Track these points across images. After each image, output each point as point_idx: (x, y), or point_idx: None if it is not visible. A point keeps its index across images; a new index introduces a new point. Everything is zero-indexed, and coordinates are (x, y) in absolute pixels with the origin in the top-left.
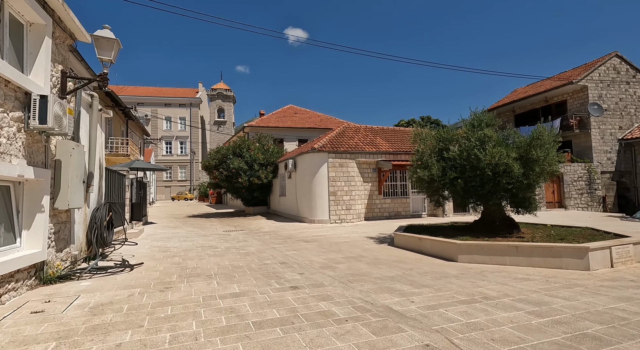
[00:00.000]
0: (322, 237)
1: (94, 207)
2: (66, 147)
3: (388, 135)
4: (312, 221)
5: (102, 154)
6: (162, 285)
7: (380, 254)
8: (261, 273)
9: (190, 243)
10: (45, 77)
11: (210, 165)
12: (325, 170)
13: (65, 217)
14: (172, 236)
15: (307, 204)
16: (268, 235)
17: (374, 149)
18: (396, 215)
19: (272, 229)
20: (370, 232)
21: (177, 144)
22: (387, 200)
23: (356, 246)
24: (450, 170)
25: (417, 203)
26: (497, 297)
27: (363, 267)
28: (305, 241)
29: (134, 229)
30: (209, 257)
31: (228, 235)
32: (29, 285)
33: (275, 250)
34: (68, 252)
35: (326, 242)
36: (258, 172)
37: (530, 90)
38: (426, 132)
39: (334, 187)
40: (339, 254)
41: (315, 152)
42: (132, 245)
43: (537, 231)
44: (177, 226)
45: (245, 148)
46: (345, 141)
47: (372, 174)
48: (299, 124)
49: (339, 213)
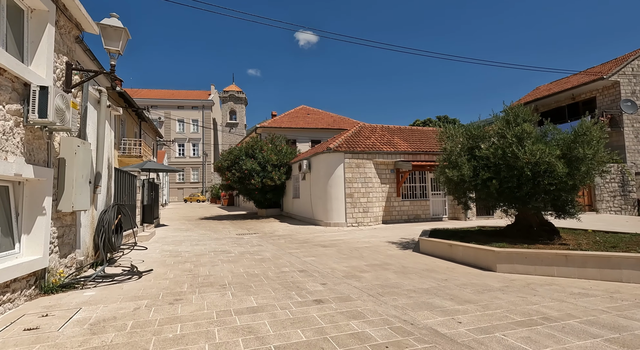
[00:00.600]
0: (340, 241)
1: (102, 209)
2: (71, 144)
3: (406, 134)
4: (328, 224)
5: (111, 153)
6: (172, 297)
7: (407, 262)
8: (280, 283)
9: (203, 247)
10: (47, 68)
11: (223, 166)
12: (341, 171)
13: (70, 220)
14: (184, 239)
15: (323, 207)
16: (283, 239)
17: (392, 149)
18: (415, 219)
19: (286, 233)
20: (390, 236)
21: (189, 146)
22: (406, 203)
23: (378, 252)
24: (482, 170)
25: (437, 206)
26: (560, 318)
27: (391, 276)
28: (323, 246)
29: (145, 231)
30: (222, 264)
31: (241, 239)
32: (27, 296)
33: (292, 256)
34: (73, 257)
35: (345, 247)
36: (271, 174)
37: (554, 87)
38: (454, 129)
39: (350, 188)
40: (361, 260)
41: (331, 153)
42: (142, 250)
43: (580, 237)
44: (189, 229)
45: (258, 149)
46: (361, 141)
47: (390, 175)
48: (312, 125)
49: (356, 216)
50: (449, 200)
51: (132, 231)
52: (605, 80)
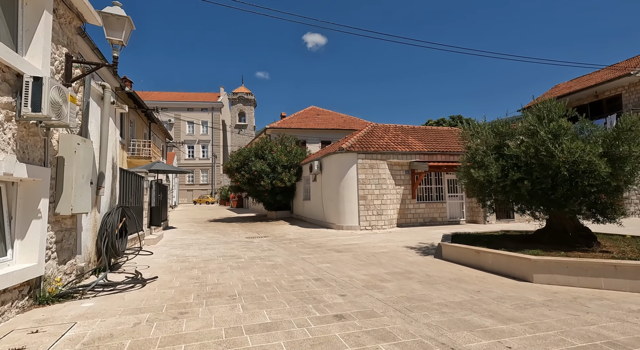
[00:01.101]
0: (355, 246)
1: (105, 212)
2: (70, 142)
3: (420, 134)
4: (340, 227)
5: (116, 153)
6: (177, 309)
7: (430, 270)
8: (294, 293)
9: (211, 252)
10: (44, 59)
11: (232, 167)
12: (354, 172)
13: (70, 224)
14: (192, 243)
15: (335, 209)
16: (295, 243)
17: (407, 149)
18: (431, 222)
19: (297, 236)
20: (407, 240)
21: (199, 147)
22: (422, 205)
23: (397, 258)
24: (512, 170)
25: (454, 208)
26: (630, 344)
27: (416, 287)
28: (337, 251)
29: (152, 234)
30: (232, 270)
31: (251, 243)
32: (20, 307)
33: (305, 262)
34: (73, 264)
35: (361, 252)
36: (281, 175)
37: (575, 84)
38: (479, 126)
39: (363, 190)
40: (380, 268)
41: (343, 153)
42: (148, 255)
43: (620, 244)
44: (198, 232)
45: (268, 150)
46: (374, 141)
47: (405, 176)
48: (322, 125)
49: (370, 219)
50: (466, 203)
51: (138, 235)
52: (633, 77)
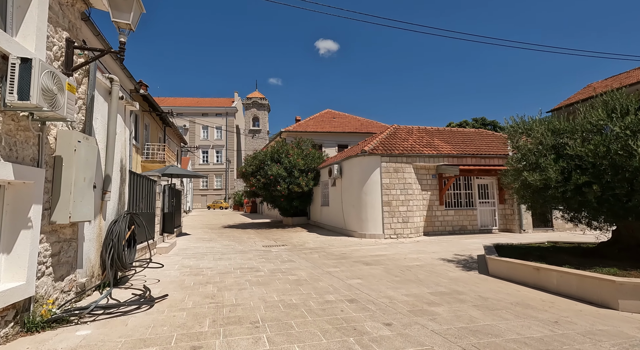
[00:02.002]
0: (384, 257)
1: (111, 220)
2: (69, 139)
3: (446, 136)
4: (363, 236)
5: (125, 154)
6: (189, 341)
7: (482, 289)
8: (328, 320)
9: (227, 263)
10: (38, 41)
11: (247, 172)
12: (377, 176)
13: (69, 234)
14: (207, 252)
15: (356, 216)
16: (316, 254)
17: (434, 152)
18: (461, 230)
19: (318, 245)
20: (440, 252)
21: (213, 152)
22: (450, 212)
23: (437, 273)
24: (575, 172)
25: (485, 215)
26: None
27: (475, 314)
28: (365, 263)
29: (165, 242)
30: (251, 287)
31: (269, 252)
32: (2, 337)
33: (332, 276)
34: (72, 280)
35: (393, 265)
36: (298, 179)
37: (612, 83)
38: (533, 122)
39: (388, 196)
40: (421, 286)
41: (366, 156)
42: (158, 267)
43: None
44: (212, 239)
45: (284, 153)
46: (398, 143)
47: (432, 180)
48: (338, 129)
49: (394, 227)
50: (499, 210)
51: (147, 244)
52: None
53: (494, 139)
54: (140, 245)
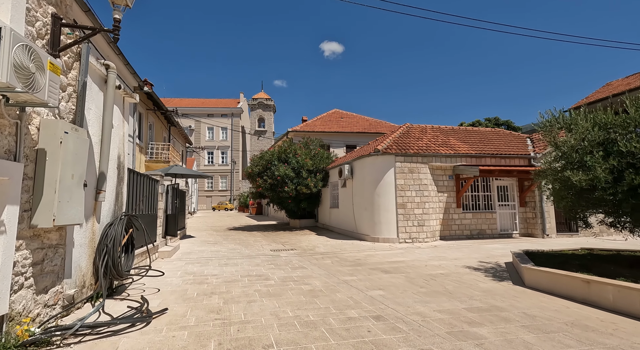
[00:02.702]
0: (403, 264)
1: (107, 222)
2: (54, 129)
3: (462, 135)
4: (376, 240)
5: (124, 150)
6: None
7: (524, 305)
8: (355, 345)
9: (233, 269)
10: (15, 12)
11: (254, 172)
12: (391, 177)
13: (55, 239)
14: (212, 256)
15: (369, 219)
16: (329, 259)
17: (451, 152)
18: (480, 234)
19: (329, 249)
20: (463, 258)
21: (218, 153)
22: (468, 215)
23: (466, 284)
24: (628, 172)
25: (505, 219)
26: None
27: (529, 338)
28: (384, 271)
29: (168, 245)
30: (262, 299)
31: (278, 257)
32: None
33: (350, 286)
34: (58, 292)
35: (415, 274)
36: (306, 180)
37: (634, 81)
38: (577, 116)
39: (402, 197)
40: (453, 299)
41: (379, 155)
42: (159, 275)
43: None
44: (217, 242)
45: (292, 153)
46: (412, 143)
47: (448, 182)
48: (347, 129)
49: (410, 230)
50: (519, 213)
51: (147, 249)
52: None
53: (512, 139)
54: (139, 250)
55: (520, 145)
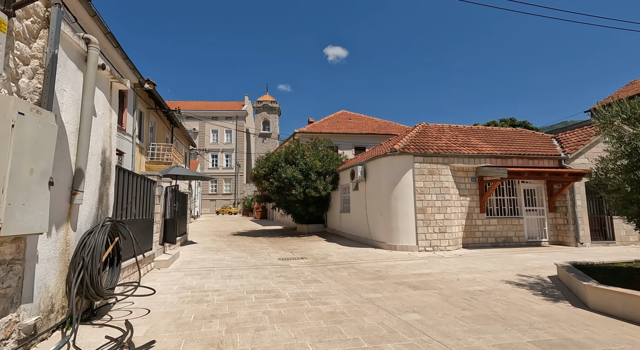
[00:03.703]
0: (430, 277)
1: (86, 230)
2: (4, 109)
3: (483, 135)
4: (393, 247)
5: (110, 144)
6: None
7: (605, 337)
8: None
9: (238, 283)
10: None
11: (259, 174)
12: (410, 179)
13: (9, 253)
14: (214, 266)
15: (385, 224)
16: (345, 270)
17: (475, 152)
18: (505, 242)
19: (342, 258)
20: (496, 270)
21: (222, 156)
22: (493, 221)
23: (514, 304)
24: None
25: (533, 225)
26: None
27: None
28: (412, 287)
29: (165, 253)
30: (273, 325)
31: (288, 268)
32: None
33: (377, 307)
34: (12, 321)
35: (448, 289)
36: (315, 183)
37: None
38: None
39: (422, 201)
40: (511, 328)
41: (396, 155)
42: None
43: None
44: (221, 249)
45: (300, 154)
46: (431, 142)
47: (471, 184)
48: (355, 130)
49: (430, 238)
50: (549, 219)
51: (136, 261)
52: None
53: (536, 139)
54: (127, 263)
55: (546, 146)
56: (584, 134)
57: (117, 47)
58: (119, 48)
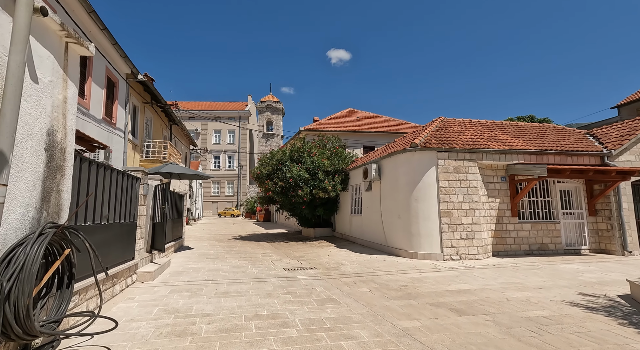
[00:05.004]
0: (471, 295)
1: (15, 240)
2: None
3: (510, 130)
4: (413, 255)
5: (64, 125)
6: None
7: None
8: None
9: (235, 303)
10: None
11: (262, 174)
12: (432, 178)
13: None
14: (208, 278)
15: (404, 229)
16: (364, 285)
17: (506, 147)
18: (540, 250)
19: (357, 268)
20: (548, 286)
21: (225, 157)
22: (526, 226)
23: (605, 340)
24: None
25: (570, 231)
26: None
27: None
28: (453, 310)
29: (153, 263)
30: None
31: (295, 282)
32: None
33: (421, 344)
34: None
35: (503, 315)
36: (323, 183)
37: None
38: None
39: (447, 203)
40: None
41: (416, 151)
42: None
43: None
44: (219, 256)
45: (306, 152)
46: (454, 137)
47: (501, 184)
48: (364, 128)
49: (456, 244)
50: (589, 224)
51: (96, 282)
52: None
53: (569, 135)
54: (80, 284)
55: (583, 142)
56: (627, 128)
57: (104, 30)
58: (105, 31)
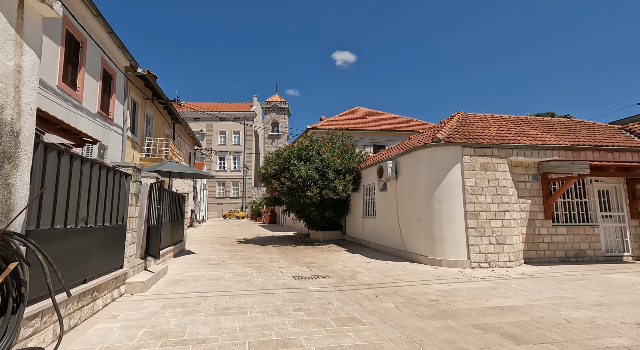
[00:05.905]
0: (519, 314)
1: None
2: None
3: (538, 125)
4: (437, 262)
5: (16, 100)
6: None
7: None
8: None
9: (237, 324)
10: None
11: (268, 173)
12: (457, 176)
13: None
14: (208, 289)
15: (425, 233)
16: (388, 299)
17: (538, 142)
18: (577, 256)
19: (376, 277)
20: (608, 302)
21: (230, 158)
22: (561, 230)
23: None
24: None
25: (610, 235)
26: None
27: None
28: (508, 336)
29: (147, 270)
30: None
31: (308, 294)
32: None
33: None
34: None
35: (572, 344)
36: (333, 183)
37: None
38: None
39: (473, 204)
40: None
41: (439, 146)
42: None
43: None
44: (222, 262)
45: (315, 150)
46: (479, 131)
47: (532, 183)
48: (374, 126)
49: (485, 250)
50: (631, 228)
51: (54, 306)
52: None
53: (604, 130)
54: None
55: (621, 137)
56: None
57: (98, 16)
58: (100, 17)
